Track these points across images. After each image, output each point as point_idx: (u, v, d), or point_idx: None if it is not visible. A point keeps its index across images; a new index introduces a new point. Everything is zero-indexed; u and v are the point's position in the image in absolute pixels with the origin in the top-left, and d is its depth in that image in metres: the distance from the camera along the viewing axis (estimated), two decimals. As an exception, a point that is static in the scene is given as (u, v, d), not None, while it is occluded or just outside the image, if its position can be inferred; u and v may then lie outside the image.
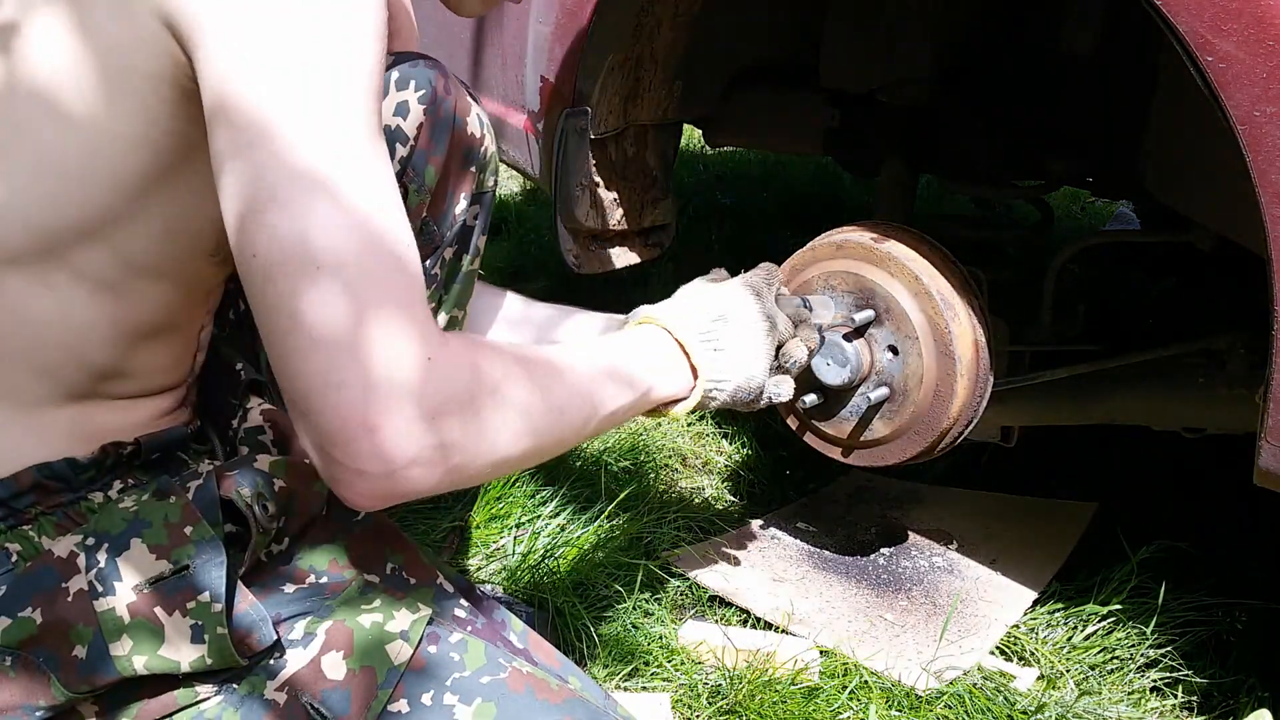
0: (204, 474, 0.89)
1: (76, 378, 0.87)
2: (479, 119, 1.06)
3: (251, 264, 0.74)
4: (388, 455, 0.73)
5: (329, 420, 0.73)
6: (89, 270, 0.84)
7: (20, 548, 0.85)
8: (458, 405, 0.77)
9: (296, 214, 0.72)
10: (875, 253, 1.28)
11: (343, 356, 0.72)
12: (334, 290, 0.72)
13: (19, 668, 0.81)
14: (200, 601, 0.81)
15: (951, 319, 1.24)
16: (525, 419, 0.85)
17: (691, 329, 1.10)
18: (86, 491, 0.88)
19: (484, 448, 0.81)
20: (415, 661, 0.86)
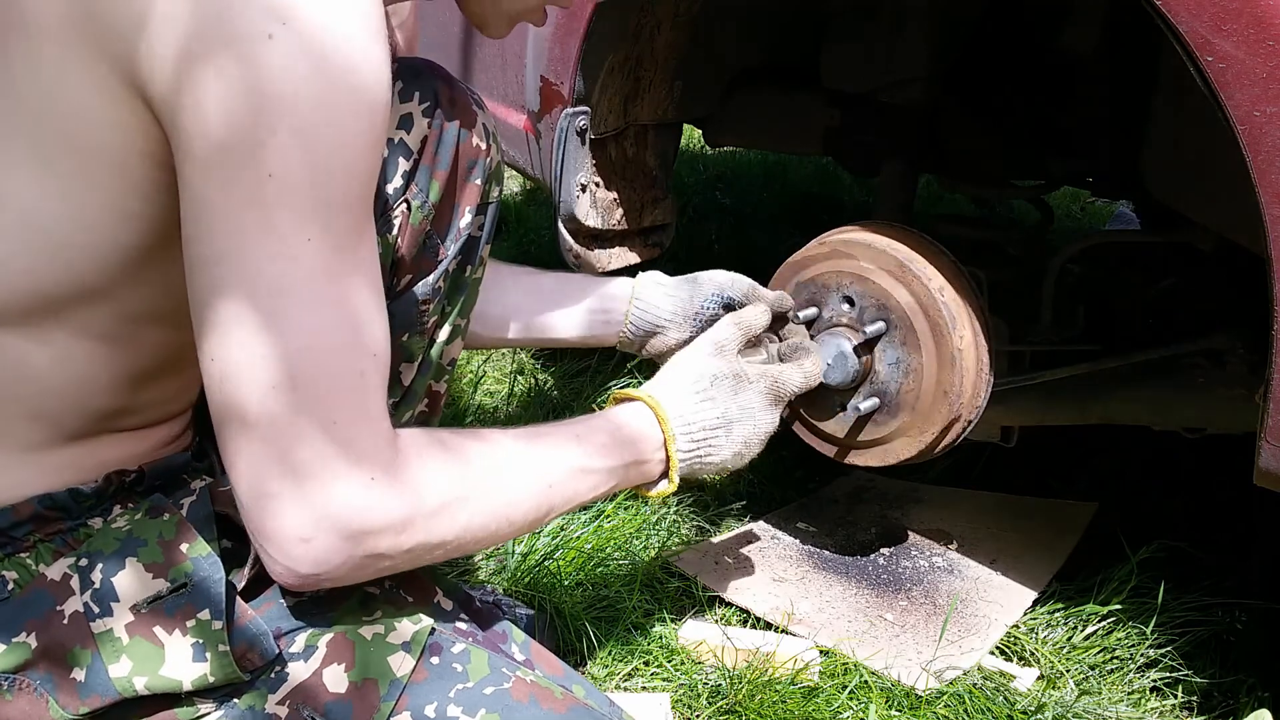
0: (197, 490, 0.89)
1: (79, 422, 0.86)
2: (484, 129, 1.05)
3: (210, 366, 0.77)
4: (317, 562, 0.78)
5: (266, 523, 0.77)
6: (89, 326, 0.83)
7: (17, 575, 0.85)
8: (395, 524, 0.81)
9: (257, 331, 0.75)
10: (876, 252, 1.28)
11: (286, 473, 0.76)
12: (284, 410, 0.75)
13: (16, 691, 0.80)
14: (200, 619, 0.81)
15: (951, 319, 1.24)
16: (468, 529, 0.87)
17: (687, 437, 1.10)
18: (86, 518, 0.87)
19: (418, 556, 0.85)
20: (418, 673, 0.85)
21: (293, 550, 0.78)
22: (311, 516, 0.77)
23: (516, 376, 2.13)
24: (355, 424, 0.78)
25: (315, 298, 0.76)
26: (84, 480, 0.87)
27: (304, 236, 0.75)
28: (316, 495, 0.77)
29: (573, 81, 1.47)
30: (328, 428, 0.77)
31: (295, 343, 0.75)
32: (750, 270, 1.36)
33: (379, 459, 0.80)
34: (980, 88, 1.74)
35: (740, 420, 1.14)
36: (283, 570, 0.79)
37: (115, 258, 0.80)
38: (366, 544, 0.80)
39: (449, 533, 0.86)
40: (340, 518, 0.78)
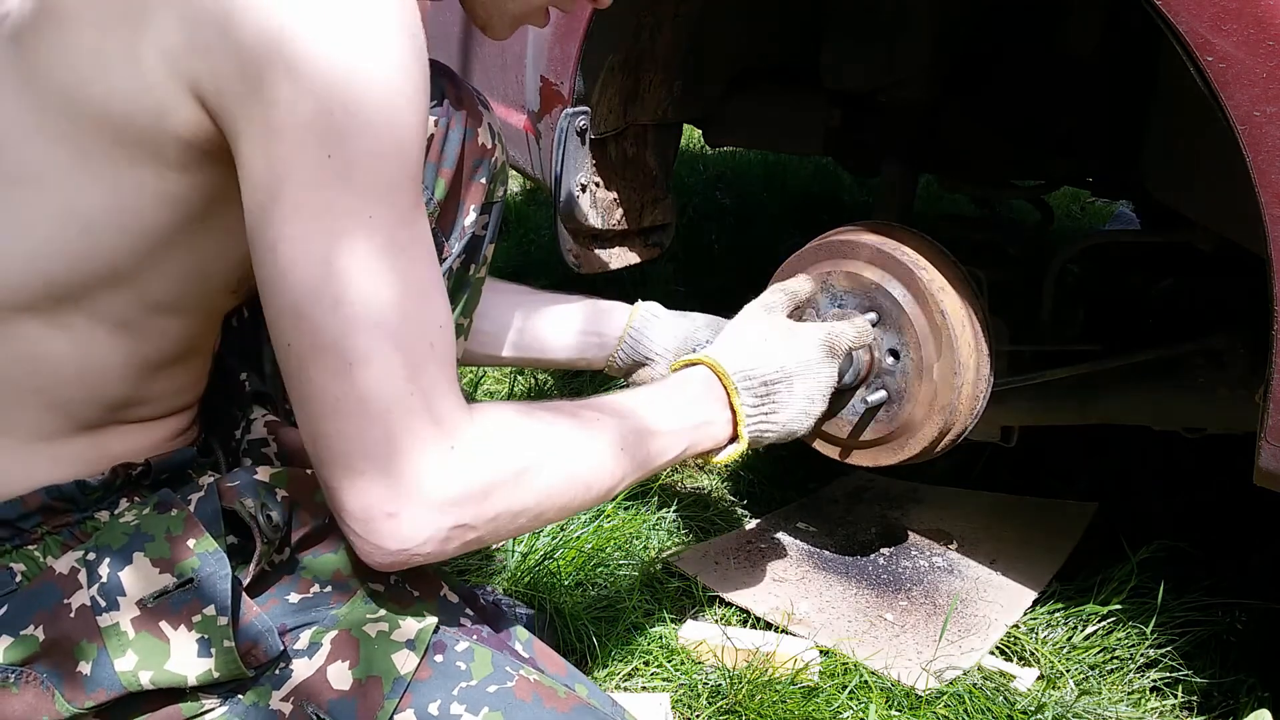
0: (205, 486, 0.89)
1: (91, 411, 0.87)
2: (490, 129, 1.06)
3: (287, 352, 0.79)
4: (404, 538, 0.80)
5: (351, 502, 0.79)
6: (108, 313, 0.84)
7: (25, 567, 0.85)
8: (476, 493, 0.83)
9: (329, 311, 0.76)
10: (875, 252, 1.28)
11: (370, 447, 0.78)
12: (362, 387, 0.77)
13: (23, 684, 0.80)
14: (206, 615, 0.81)
15: (952, 319, 1.24)
16: (547, 495, 0.89)
17: (749, 392, 1.12)
18: (94, 511, 0.88)
19: (501, 528, 0.86)
20: (421, 671, 0.86)
21: (380, 527, 0.79)
22: (395, 490, 0.79)
23: (516, 376, 2.13)
24: (430, 395, 0.80)
25: (382, 273, 0.77)
26: (91, 473, 0.87)
27: (366, 214, 0.76)
28: (398, 468, 0.78)
29: (573, 81, 1.47)
30: (404, 400, 0.78)
31: (367, 319, 0.77)
32: (750, 270, 1.36)
33: (457, 428, 0.81)
34: (980, 88, 1.74)
35: (800, 374, 1.15)
36: (370, 549, 0.81)
37: (145, 240, 0.82)
38: (452, 514, 0.81)
39: (529, 499, 0.87)
40: (424, 489, 0.79)
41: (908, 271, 1.25)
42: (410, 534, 0.80)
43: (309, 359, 0.77)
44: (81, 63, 0.78)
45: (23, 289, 0.81)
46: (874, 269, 1.28)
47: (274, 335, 0.79)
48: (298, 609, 0.88)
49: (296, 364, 0.78)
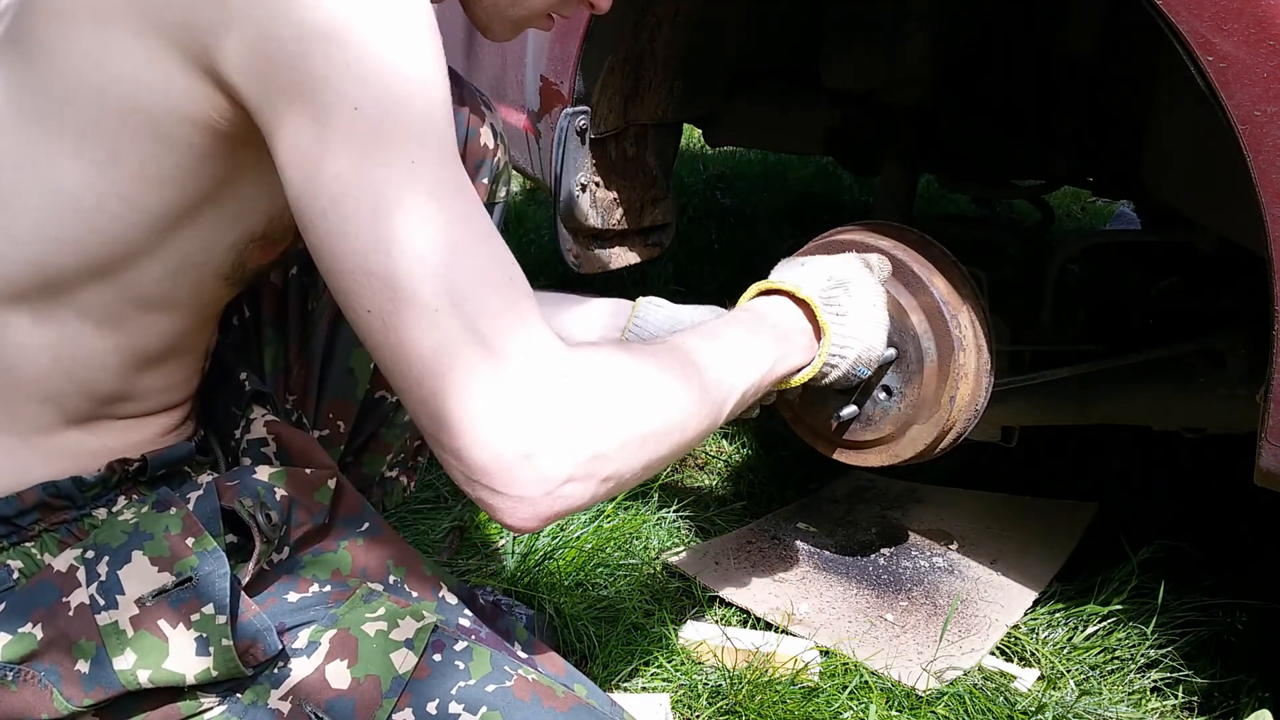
0: (204, 485, 0.89)
1: (82, 404, 0.87)
2: (492, 129, 1.05)
3: (368, 319, 0.75)
4: (546, 477, 0.76)
5: (479, 455, 0.75)
6: (95, 307, 0.84)
7: (22, 565, 0.85)
8: (601, 417, 0.79)
9: (399, 264, 0.73)
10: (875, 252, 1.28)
11: (482, 393, 0.74)
12: (457, 330, 0.74)
13: (21, 682, 0.81)
14: (205, 614, 0.81)
15: (952, 319, 1.24)
16: (668, 417, 0.86)
17: (815, 291, 1.11)
18: (91, 508, 0.88)
19: (632, 455, 0.82)
20: (420, 670, 0.86)
21: (519, 474, 0.75)
22: (523, 428, 0.75)
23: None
24: (529, 326, 0.77)
25: (440, 215, 0.74)
26: (86, 469, 0.87)
27: (408, 159, 0.74)
28: (520, 405, 0.74)
29: (573, 81, 1.47)
30: (506, 336, 0.75)
31: (441, 265, 0.74)
32: (750, 271, 1.36)
33: (563, 356, 0.78)
34: (980, 88, 1.74)
35: (852, 280, 1.15)
36: (514, 504, 0.76)
37: (142, 227, 0.81)
38: (587, 447, 0.78)
39: (654, 422, 0.84)
40: (551, 419, 0.76)
41: (908, 271, 1.25)
42: (553, 470, 0.76)
43: (394, 318, 0.74)
44: (84, 46, 0.77)
45: (14, 277, 0.81)
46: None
47: (350, 305, 0.76)
48: (296, 608, 0.88)
49: (381, 327, 0.74)
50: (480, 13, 1.02)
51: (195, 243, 0.84)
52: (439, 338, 0.74)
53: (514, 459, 0.75)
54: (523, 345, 0.76)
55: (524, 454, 0.75)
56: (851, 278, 1.15)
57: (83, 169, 0.79)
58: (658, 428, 0.85)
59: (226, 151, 0.80)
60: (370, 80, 0.73)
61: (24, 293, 0.82)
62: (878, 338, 1.15)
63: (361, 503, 0.97)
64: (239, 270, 0.91)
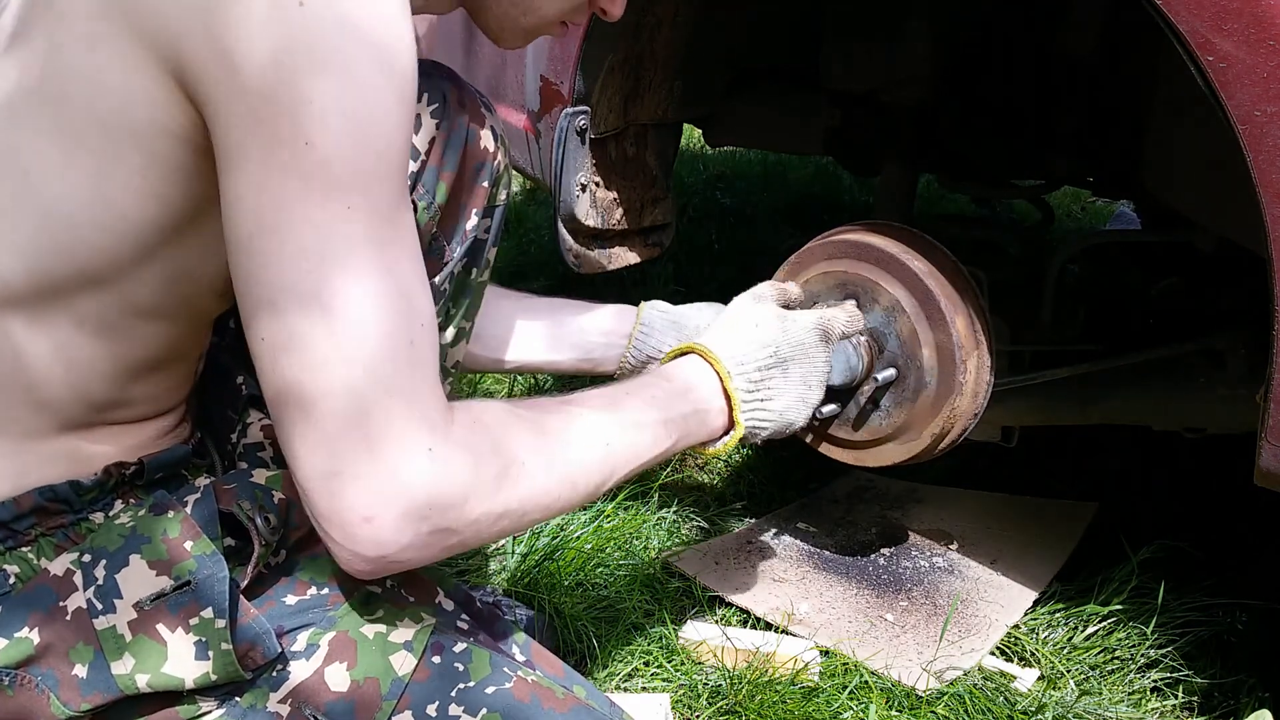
0: (202, 488, 0.89)
1: (77, 410, 0.87)
2: (492, 132, 1.04)
3: (260, 346, 0.76)
4: (382, 542, 0.77)
5: (327, 506, 0.76)
6: (91, 315, 0.83)
7: (18, 569, 0.85)
8: (456, 497, 0.79)
9: (308, 308, 0.74)
10: (875, 252, 1.28)
11: (344, 450, 0.75)
12: (340, 384, 0.74)
13: (17, 687, 0.80)
14: (204, 617, 0.81)
15: (951, 320, 1.24)
16: (530, 495, 0.85)
17: (744, 372, 1.09)
18: (88, 512, 0.87)
19: (483, 530, 0.83)
20: (419, 672, 0.85)
21: (357, 531, 0.76)
22: (371, 493, 0.75)
23: (516, 378, 2.13)
24: (410, 396, 0.77)
25: (361, 266, 0.75)
26: (83, 472, 0.87)
27: (344, 204, 0.74)
28: (375, 471, 0.75)
29: (573, 81, 1.47)
30: (382, 401, 0.76)
31: (345, 314, 0.74)
32: (750, 271, 1.36)
33: (436, 429, 0.78)
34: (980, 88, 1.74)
35: (795, 359, 1.13)
36: (349, 556, 0.78)
37: (130, 240, 0.81)
38: (432, 519, 0.78)
39: (511, 501, 0.84)
40: (402, 492, 0.76)
41: (907, 271, 1.25)
42: (389, 539, 0.77)
43: (283, 353, 0.75)
44: (74, 55, 0.77)
45: (11, 282, 0.81)
46: (874, 268, 1.28)
47: (248, 329, 0.77)
48: (295, 611, 0.88)
49: (270, 358, 0.76)
50: (492, 22, 1.01)
51: (188, 258, 0.84)
52: (319, 389, 0.75)
53: (355, 520, 0.76)
54: (395, 415, 0.76)
55: (365, 517, 0.76)
56: (793, 356, 1.13)
57: (74, 179, 0.79)
58: (517, 508, 0.84)
59: (210, 169, 0.79)
60: (329, 120, 0.73)
61: (21, 297, 0.81)
62: (801, 415, 1.14)
63: None
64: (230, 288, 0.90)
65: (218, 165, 0.76)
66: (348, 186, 0.74)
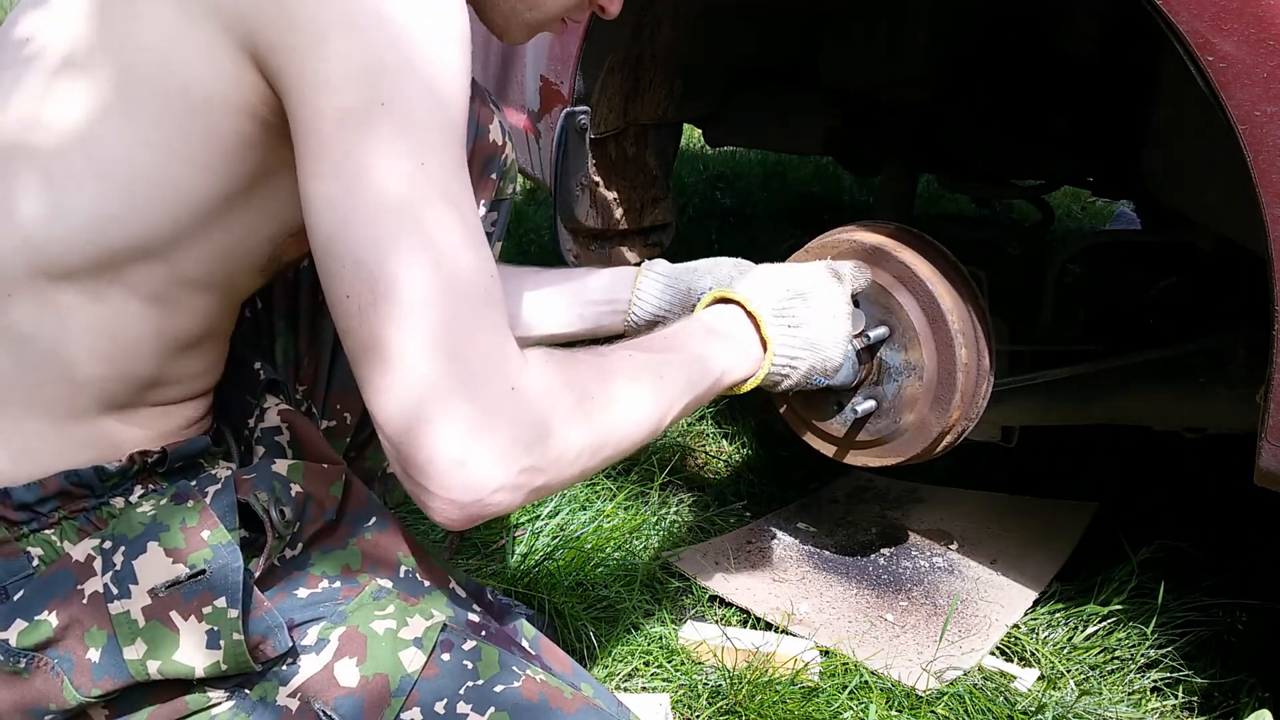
0: (222, 479, 0.89)
1: (116, 389, 0.87)
2: (500, 127, 1.06)
3: (346, 303, 0.77)
4: (477, 485, 0.77)
5: (419, 453, 0.77)
6: (142, 285, 0.84)
7: (42, 552, 0.85)
8: (540, 432, 0.81)
9: (389, 260, 0.76)
10: (875, 252, 1.28)
11: (433, 394, 0.76)
12: (424, 331, 0.76)
13: (34, 670, 0.81)
14: (216, 607, 0.81)
15: (952, 319, 1.24)
16: (604, 428, 0.88)
17: (766, 303, 1.12)
18: (109, 497, 0.88)
19: (566, 467, 0.84)
20: (428, 669, 0.86)
21: (451, 477, 0.77)
22: (462, 436, 0.76)
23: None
24: (491, 340, 0.79)
25: (438, 218, 0.77)
26: (109, 458, 0.87)
27: (419, 161, 0.76)
28: (463, 414, 0.76)
29: (573, 81, 1.47)
30: (466, 346, 0.77)
31: (424, 266, 0.76)
32: (750, 270, 1.36)
33: (515, 371, 0.80)
34: (981, 88, 1.74)
35: (812, 290, 1.15)
36: (443, 504, 0.78)
37: (187, 211, 0.82)
38: (520, 458, 0.79)
39: (590, 434, 0.85)
40: (491, 432, 0.77)
41: (907, 271, 1.25)
42: (483, 480, 0.77)
43: (370, 308, 0.76)
44: (142, 27, 0.79)
45: (65, 256, 0.82)
46: (873, 268, 1.28)
47: (331, 287, 0.78)
48: (306, 604, 0.88)
49: (357, 314, 0.77)
50: (497, 17, 1.02)
51: (238, 231, 0.86)
52: (406, 337, 0.76)
53: (449, 463, 0.76)
54: (479, 357, 0.78)
55: (459, 460, 0.77)
56: (811, 288, 1.15)
57: (134, 150, 0.80)
58: (594, 442, 0.86)
59: (271, 144, 0.81)
60: (402, 79, 0.76)
61: (73, 271, 0.82)
62: (835, 350, 1.15)
63: (368, 496, 0.97)
64: (274, 262, 0.92)
65: (293, 136, 0.78)
66: (423, 144, 0.77)
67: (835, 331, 1.15)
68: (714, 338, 1.07)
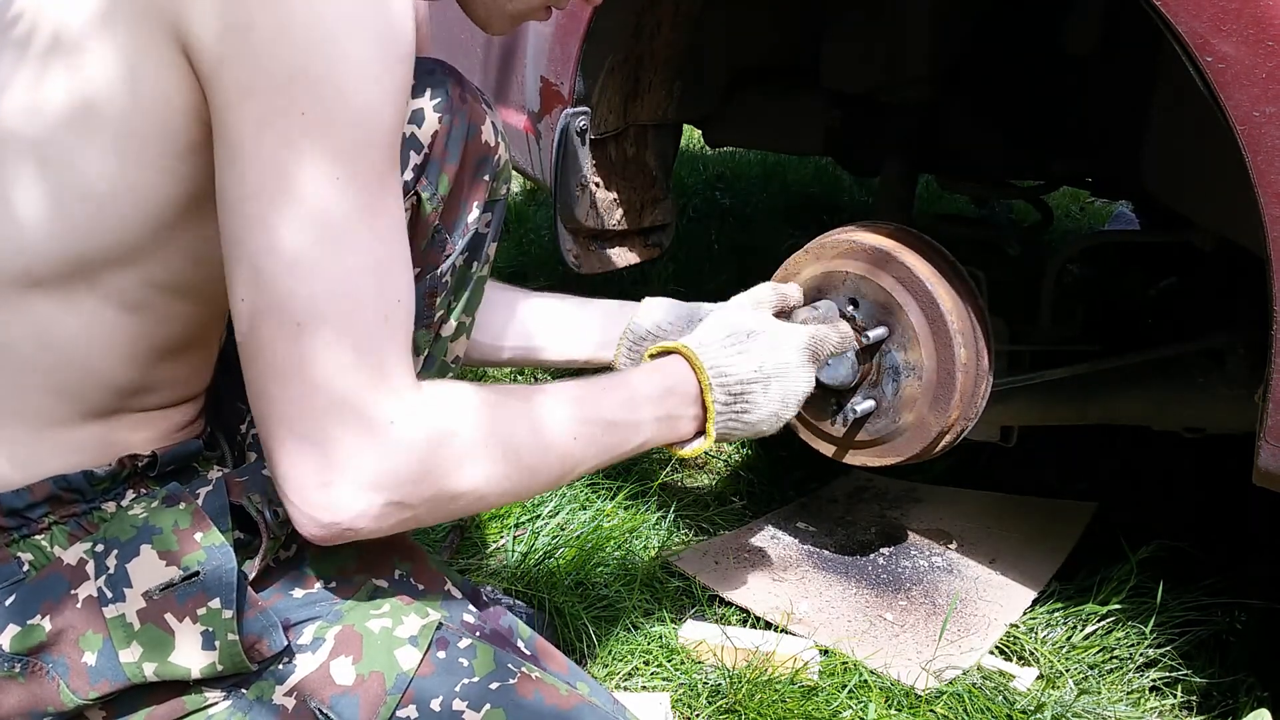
0: (214, 480, 0.89)
1: (98, 396, 0.87)
2: (494, 127, 1.06)
3: (239, 306, 0.78)
4: (337, 510, 0.79)
5: (287, 467, 0.78)
6: (116, 293, 0.84)
7: (32, 557, 0.86)
8: (414, 473, 0.81)
9: (288, 271, 0.76)
10: (875, 253, 1.28)
11: (309, 414, 0.77)
12: (311, 349, 0.77)
13: (29, 674, 0.81)
14: (211, 608, 0.82)
15: (951, 319, 1.24)
16: (489, 480, 0.87)
17: (724, 389, 1.10)
18: (100, 501, 0.88)
19: (438, 508, 0.85)
20: (424, 667, 0.86)
21: (311, 496, 0.78)
22: (330, 461, 0.78)
23: (517, 377, 2.13)
24: (378, 370, 0.79)
25: (343, 237, 0.77)
26: (98, 463, 0.88)
27: (333, 174, 0.76)
28: (335, 440, 0.78)
29: (573, 81, 1.47)
30: (350, 372, 0.78)
31: (322, 282, 0.76)
32: (750, 271, 1.36)
33: (400, 406, 0.80)
34: (980, 88, 1.74)
35: (778, 376, 1.13)
36: (304, 519, 0.80)
37: (152, 217, 0.82)
38: (385, 493, 0.80)
39: (469, 483, 0.85)
40: (359, 464, 0.78)
41: (907, 271, 1.25)
42: (343, 506, 0.79)
43: (260, 316, 0.77)
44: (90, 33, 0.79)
45: (35, 263, 0.82)
46: (873, 268, 1.28)
47: (230, 290, 0.79)
48: (301, 604, 0.89)
49: (248, 320, 0.78)
50: (479, 8, 1.02)
51: (206, 233, 0.85)
52: (291, 353, 0.77)
53: (313, 485, 0.78)
54: (363, 387, 0.78)
55: (323, 483, 0.78)
56: (777, 373, 1.13)
57: (97, 160, 0.80)
58: (471, 489, 0.86)
59: None
60: (325, 91, 0.75)
61: (43, 279, 0.82)
62: (772, 428, 1.14)
63: None
64: None
65: (214, 137, 0.78)
66: (339, 158, 0.76)
67: (780, 419, 1.15)
68: (654, 405, 1.05)
